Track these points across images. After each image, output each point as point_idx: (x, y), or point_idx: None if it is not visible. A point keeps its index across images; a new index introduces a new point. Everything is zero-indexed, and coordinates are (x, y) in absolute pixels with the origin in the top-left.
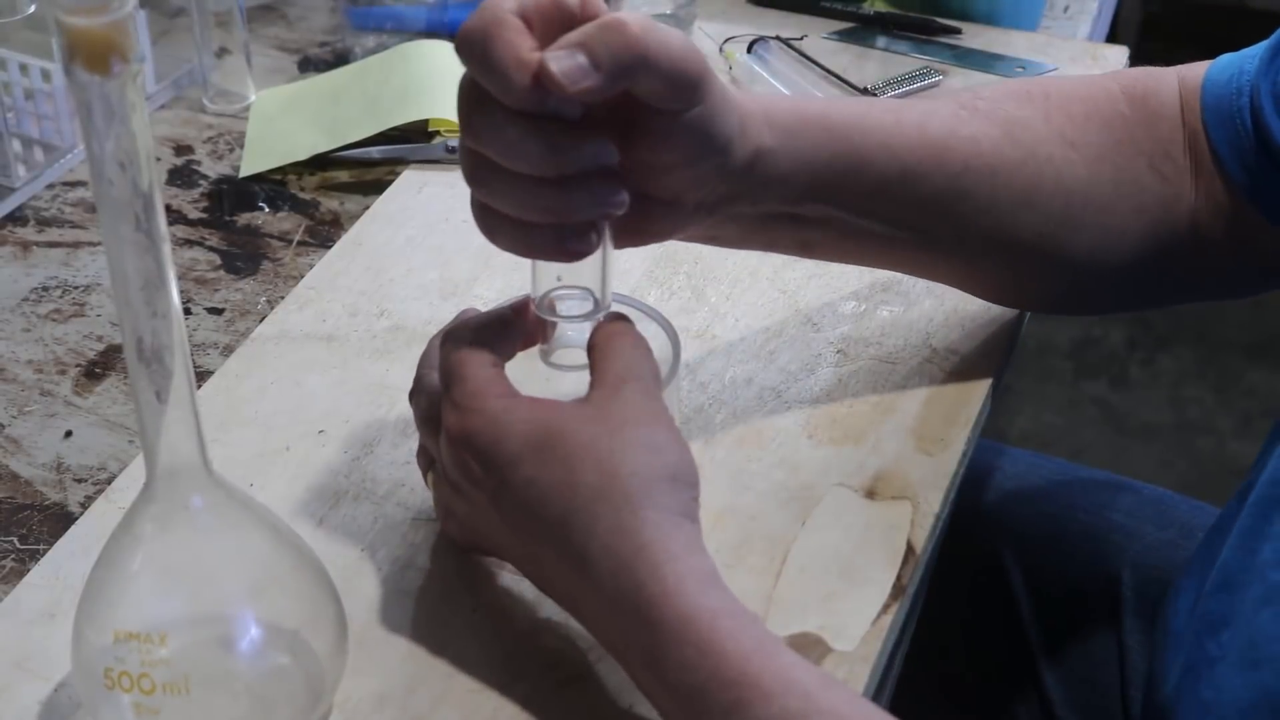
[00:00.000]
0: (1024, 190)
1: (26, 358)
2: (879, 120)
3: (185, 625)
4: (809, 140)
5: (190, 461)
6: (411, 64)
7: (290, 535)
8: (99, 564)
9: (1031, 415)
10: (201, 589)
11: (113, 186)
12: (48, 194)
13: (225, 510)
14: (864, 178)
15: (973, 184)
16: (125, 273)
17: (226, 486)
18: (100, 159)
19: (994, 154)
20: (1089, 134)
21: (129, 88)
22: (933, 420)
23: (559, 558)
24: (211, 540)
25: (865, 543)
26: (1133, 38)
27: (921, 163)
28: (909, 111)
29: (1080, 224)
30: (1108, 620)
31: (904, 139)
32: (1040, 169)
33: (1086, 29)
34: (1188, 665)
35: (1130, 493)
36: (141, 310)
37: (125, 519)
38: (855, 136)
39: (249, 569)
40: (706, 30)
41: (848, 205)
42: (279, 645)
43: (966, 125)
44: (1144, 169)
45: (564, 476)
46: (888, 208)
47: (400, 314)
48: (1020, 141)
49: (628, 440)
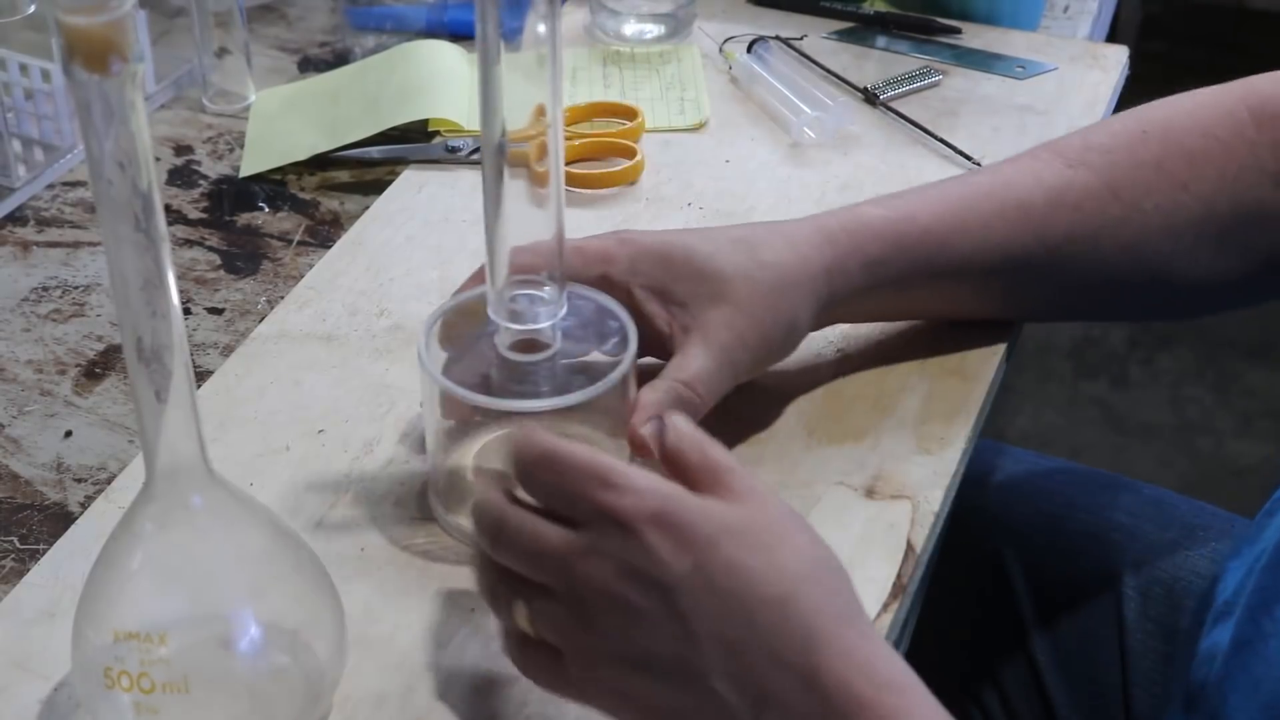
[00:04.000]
0: (1129, 244)
1: (26, 358)
2: (982, 209)
3: (185, 625)
4: (907, 262)
5: (190, 461)
6: (411, 64)
7: (290, 535)
8: (99, 563)
9: (1031, 415)
10: (201, 589)
11: (112, 186)
12: (48, 194)
13: (225, 510)
14: (968, 271)
15: (1076, 251)
16: (125, 273)
17: (226, 486)
18: (99, 159)
19: (1098, 215)
20: (1206, 170)
21: (128, 87)
22: (933, 420)
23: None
24: (211, 540)
25: (865, 542)
26: (1133, 38)
27: (1024, 245)
28: (1013, 189)
29: (1193, 258)
30: (1108, 620)
31: (1009, 224)
32: (1146, 221)
33: (1086, 29)
34: (1239, 642)
35: (1130, 492)
36: (141, 310)
37: (125, 518)
38: (957, 236)
39: (249, 569)
40: (706, 30)
41: (954, 295)
42: (279, 645)
43: (1070, 190)
44: (1268, 189)
45: (768, 561)
46: (996, 287)
47: (400, 314)
48: (1126, 198)
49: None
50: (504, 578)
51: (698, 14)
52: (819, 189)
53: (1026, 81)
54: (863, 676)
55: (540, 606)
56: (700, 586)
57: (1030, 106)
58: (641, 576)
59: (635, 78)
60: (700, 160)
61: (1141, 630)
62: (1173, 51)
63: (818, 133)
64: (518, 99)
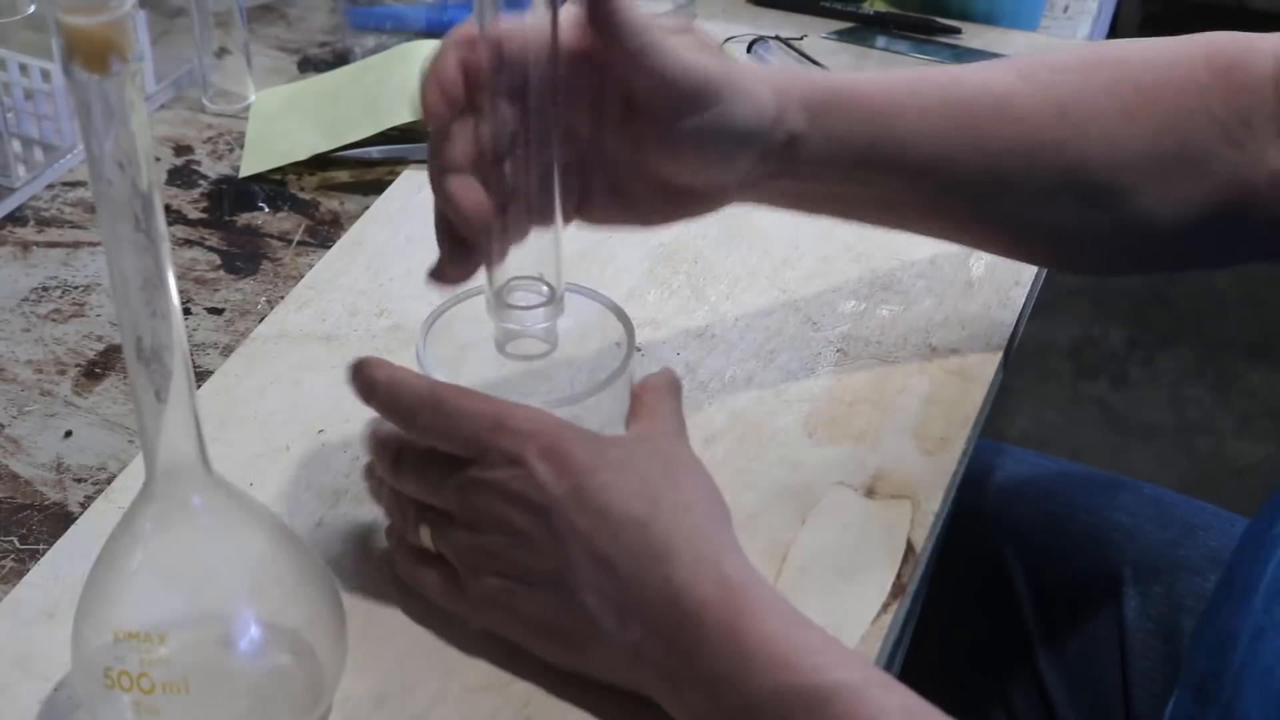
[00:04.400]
0: (1068, 169)
1: (26, 358)
2: (925, 98)
3: (185, 624)
4: (845, 123)
5: (190, 461)
6: (411, 64)
7: (289, 535)
8: (98, 563)
9: (1031, 415)
10: (201, 588)
11: (112, 186)
12: (48, 194)
13: (225, 510)
14: (904, 161)
15: (1013, 166)
16: (124, 273)
17: (226, 486)
18: (99, 159)
19: (1040, 131)
20: (1155, 105)
21: (128, 87)
22: (933, 420)
23: (633, 558)
24: (211, 540)
25: (865, 542)
26: (1132, 38)
27: (961, 147)
28: (961, 86)
29: (1133, 192)
30: (1108, 620)
31: (948, 120)
32: (1090, 146)
33: (1086, 29)
34: (1256, 631)
35: (1130, 492)
36: (141, 310)
37: (125, 518)
38: (894, 118)
39: (249, 568)
40: (706, 30)
41: (888, 185)
42: (279, 644)
43: (1016, 102)
44: (1216, 137)
45: (641, 488)
46: (928, 187)
47: (400, 314)
48: (1072, 118)
49: (693, 470)
50: (408, 502)
51: (698, 14)
52: None
53: None
54: (709, 580)
55: (441, 529)
56: (574, 506)
57: None
58: (524, 500)
59: None
60: None
61: (1141, 630)
62: None
63: None
64: None
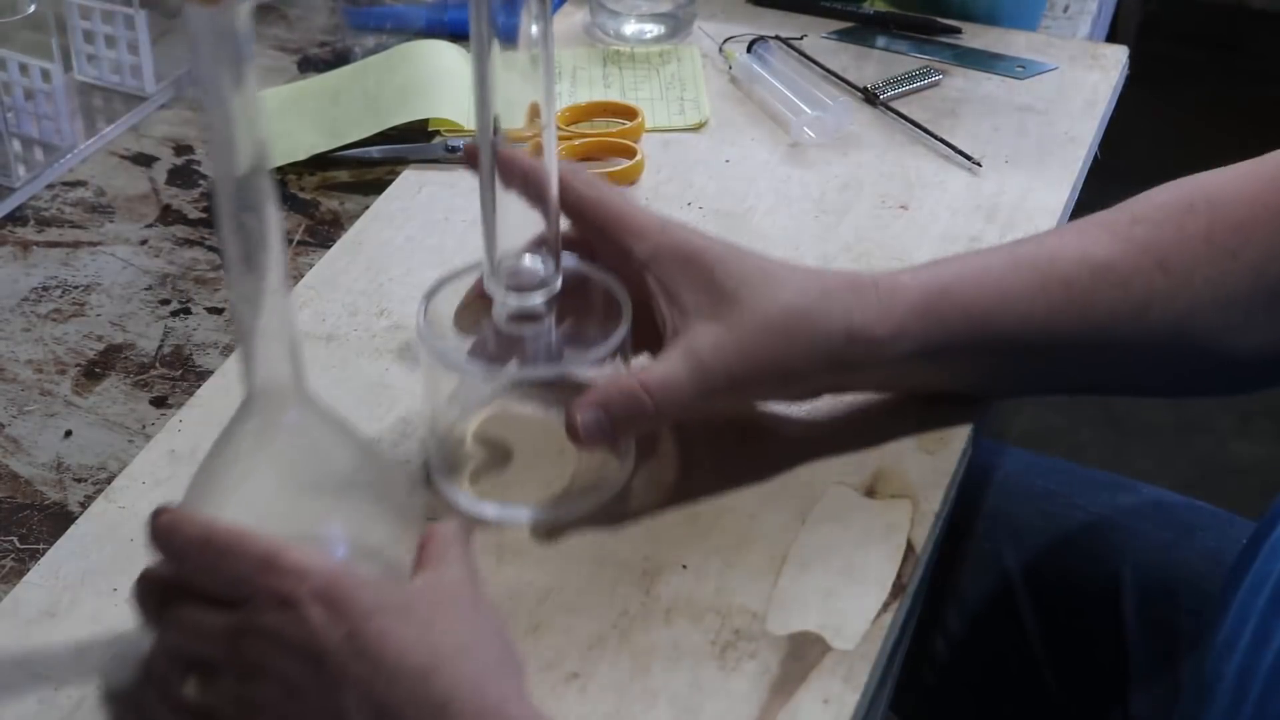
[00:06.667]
0: (1179, 318)
1: (26, 357)
2: (1021, 288)
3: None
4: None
5: (285, 379)
6: (411, 64)
7: (377, 456)
8: (196, 480)
9: (1031, 415)
10: (295, 504)
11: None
12: (48, 194)
13: (318, 427)
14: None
15: (1122, 327)
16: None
17: (319, 405)
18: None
19: (1145, 290)
20: (1256, 237)
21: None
22: (933, 420)
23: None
24: (305, 456)
25: (865, 541)
26: (1133, 37)
27: (1068, 323)
28: (1056, 264)
29: (1245, 329)
30: (1108, 619)
31: (1048, 305)
32: (1196, 294)
33: (1086, 28)
34: (1261, 633)
35: (1130, 492)
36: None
37: (223, 435)
38: (995, 316)
39: (339, 485)
40: (706, 30)
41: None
42: (366, 560)
43: (1116, 266)
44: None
45: (421, 634)
46: (1037, 364)
47: (400, 314)
48: (1175, 271)
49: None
50: (173, 651)
51: (698, 14)
52: (819, 189)
53: (1026, 81)
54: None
55: (208, 683)
56: (350, 653)
57: (1030, 106)
58: (298, 649)
59: (635, 78)
60: (700, 160)
61: (1141, 630)
62: (1173, 51)
63: (818, 133)
64: (513, 96)
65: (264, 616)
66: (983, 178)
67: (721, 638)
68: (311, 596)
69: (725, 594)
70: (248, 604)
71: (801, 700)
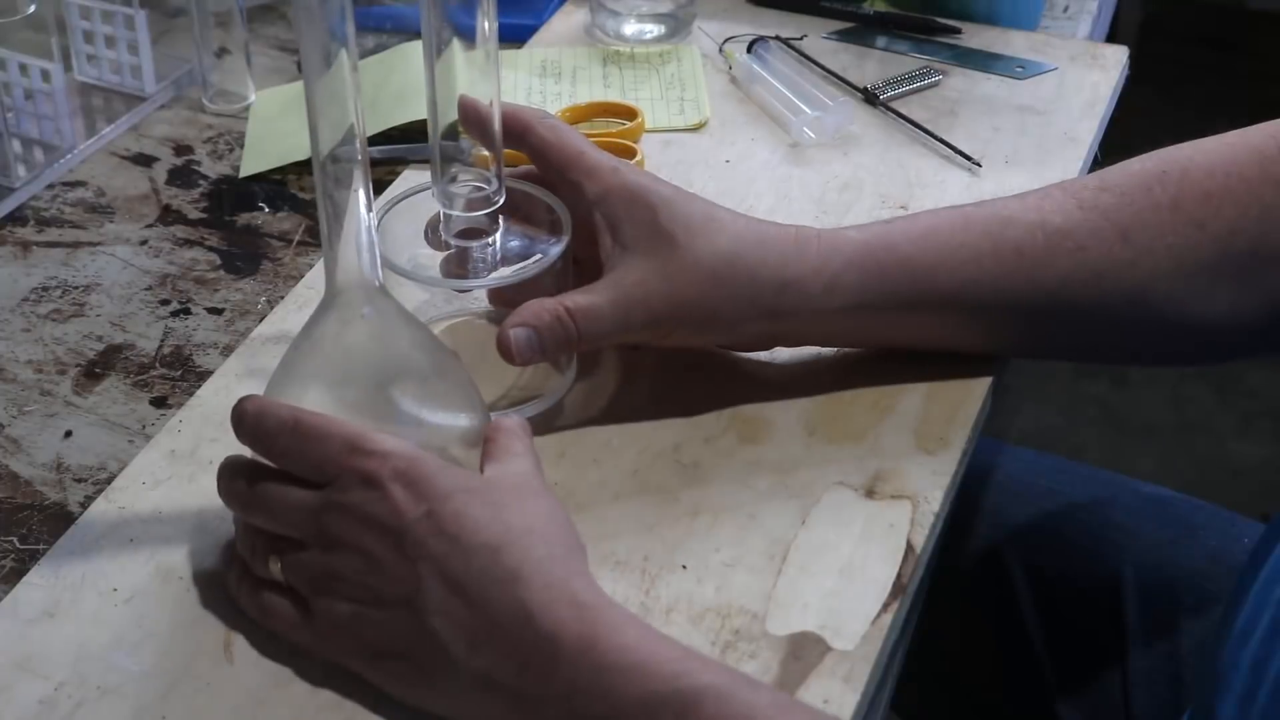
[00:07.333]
0: (1137, 286)
1: (26, 358)
2: (969, 249)
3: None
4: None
5: (362, 275)
6: (411, 64)
7: (448, 352)
8: (279, 371)
9: (1031, 415)
10: (371, 392)
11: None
12: (48, 194)
13: (392, 321)
14: (950, 309)
15: (1074, 294)
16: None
17: (395, 301)
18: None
19: (1103, 258)
20: (1225, 209)
21: None
22: (933, 419)
23: (484, 582)
24: (381, 347)
25: (865, 542)
26: (1133, 37)
27: (1016, 288)
28: (1010, 227)
29: (1209, 300)
30: (1108, 619)
31: (996, 267)
32: (1157, 263)
33: (1086, 28)
34: (1276, 623)
35: (1130, 492)
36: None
37: (305, 327)
38: (938, 274)
39: (413, 375)
40: (706, 30)
41: (928, 333)
42: (440, 446)
43: (1074, 233)
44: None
45: (493, 515)
46: (983, 323)
47: None
48: (1135, 241)
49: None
50: (259, 534)
51: (698, 14)
52: (819, 189)
53: (1026, 81)
54: (562, 601)
55: (291, 558)
56: (427, 531)
57: (1030, 106)
58: (378, 523)
59: (635, 78)
60: (700, 160)
61: (1141, 630)
62: (1173, 51)
63: (818, 133)
64: (476, 93)
65: (349, 494)
66: (982, 178)
67: (721, 638)
68: (394, 476)
69: (725, 594)
70: (332, 484)
71: (802, 700)
